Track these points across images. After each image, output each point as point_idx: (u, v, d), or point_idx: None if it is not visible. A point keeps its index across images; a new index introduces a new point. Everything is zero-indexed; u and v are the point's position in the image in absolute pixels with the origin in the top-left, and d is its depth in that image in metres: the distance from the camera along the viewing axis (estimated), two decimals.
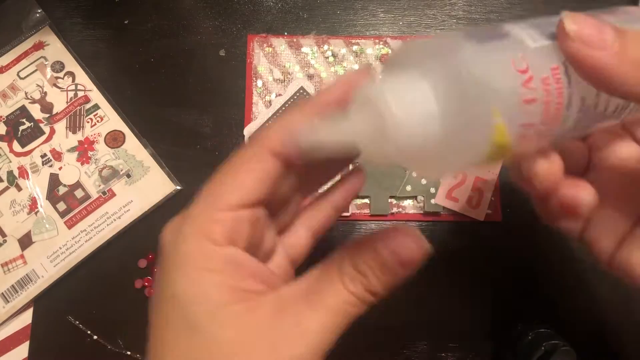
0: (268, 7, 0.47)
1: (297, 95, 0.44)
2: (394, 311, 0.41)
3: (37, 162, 0.44)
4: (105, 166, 0.44)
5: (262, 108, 0.44)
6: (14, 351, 0.41)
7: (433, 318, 0.41)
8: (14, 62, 0.46)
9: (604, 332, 0.40)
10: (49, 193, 0.43)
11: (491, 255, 0.42)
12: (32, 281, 0.42)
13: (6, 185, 0.43)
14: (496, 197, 0.42)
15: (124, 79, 0.46)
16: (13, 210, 0.43)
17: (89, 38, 0.47)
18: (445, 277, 0.41)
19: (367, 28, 0.46)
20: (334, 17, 0.46)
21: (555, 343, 0.36)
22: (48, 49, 0.46)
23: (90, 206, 0.43)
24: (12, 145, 0.44)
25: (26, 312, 0.42)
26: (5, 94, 0.45)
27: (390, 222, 0.42)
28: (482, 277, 0.41)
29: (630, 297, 0.41)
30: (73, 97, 0.45)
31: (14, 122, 0.44)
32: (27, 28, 0.46)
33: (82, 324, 0.41)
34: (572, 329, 0.39)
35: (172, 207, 0.43)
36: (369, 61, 0.45)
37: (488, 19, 0.45)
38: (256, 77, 0.45)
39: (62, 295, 0.42)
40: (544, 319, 0.40)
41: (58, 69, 0.45)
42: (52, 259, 0.42)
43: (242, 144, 0.44)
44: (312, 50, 0.45)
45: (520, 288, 0.41)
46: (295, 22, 0.46)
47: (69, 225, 0.42)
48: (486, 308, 0.41)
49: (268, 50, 0.45)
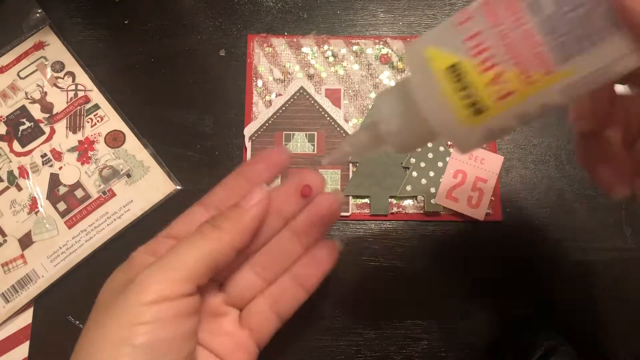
0: (268, 7, 0.47)
1: (297, 95, 0.44)
2: (394, 311, 0.41)
3: (37, 162, 0.44)
4: (105, 166, 0.44)
5: (262, 108, 0.44)
6: (14, 351, 0.41)
7: (433, 318, 0.41)
8: (14, 62, 0.46)
9: (603, 331, 0.40)
10: (49, 193, 0.43)
11: (491, 255, 0.42)
12: (32, 281, 0.42)
13: (6, 185, 0.43)
14: (496, 197, 0.42)
15: (124, 79, 0.46)
16: (13, 210, 0.43)
17: (89, 38, 0.47)
18: (445, 277, 0.41)
19: (367, 28, 0.46)
20: (334, 17, 0.46)
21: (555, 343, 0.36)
22: (48, 49, 0.46)
23: (91, 206, 0.43)
24: (12, 145, 0.44)
25: (26, 312, 0.42)
26: (5, 94, 0.45)
27: (390, 222, 0.42)
28: (482, 277, 0.41)
29: (630, 296, 0.41)
30: (73, 97, 0.45)
31: (14, 122, 0.44)
32: (27, 28, 0.46)
33: (82, 324, 0.41)
34: (572, 329, 0.40)
35: (172, 207, 0.43)
36: (369, 61, 0.45)
37: None
38: (256, 77, 0.45)
39: (62, 295, 0.42)
40: (544, 318, 0.40)
41: (58, 69, 0.45)
42: (52, 258, 0.42)
43: (242, 144, 0.44)
44: (312, 50, 0.45)
45: (520, 288, 0.41)
46: (295, 22, 0.46)
47: (69, 225, 0.42)
48: (486, 308, 0.41)
49: (268, 50, 0.45)
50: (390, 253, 0.42)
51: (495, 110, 0.18)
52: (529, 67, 0.17)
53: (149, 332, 0.21)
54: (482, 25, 0.18)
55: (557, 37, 0.16)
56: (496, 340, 0.40)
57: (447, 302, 0.41)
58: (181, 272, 0.22)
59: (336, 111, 0.44)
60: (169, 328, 0.22)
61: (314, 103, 0.44)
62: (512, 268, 0.41)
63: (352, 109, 0.44)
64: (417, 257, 0.42)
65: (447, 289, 0.41)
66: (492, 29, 0.18)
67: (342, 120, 0.44)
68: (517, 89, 0.18)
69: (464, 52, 0.18)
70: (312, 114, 0.44)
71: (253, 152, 0.43)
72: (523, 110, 0.18)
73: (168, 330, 0.22)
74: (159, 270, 0.23)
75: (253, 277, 0.27)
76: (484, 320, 0.41)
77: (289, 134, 0.44)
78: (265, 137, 0.44)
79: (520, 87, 0.18)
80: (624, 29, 0.16)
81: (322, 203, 0.27)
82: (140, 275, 0.22)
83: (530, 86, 0.17)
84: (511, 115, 0.19)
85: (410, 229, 0.42)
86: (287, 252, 0.27)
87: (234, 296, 0.27)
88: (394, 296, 0.41)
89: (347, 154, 0.24)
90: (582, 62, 0.17)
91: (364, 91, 0.44)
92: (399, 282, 0.41)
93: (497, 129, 0.19)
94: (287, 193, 0.27)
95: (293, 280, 0.28)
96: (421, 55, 0.19)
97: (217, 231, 0.24)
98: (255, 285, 0.27)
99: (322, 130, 0.44)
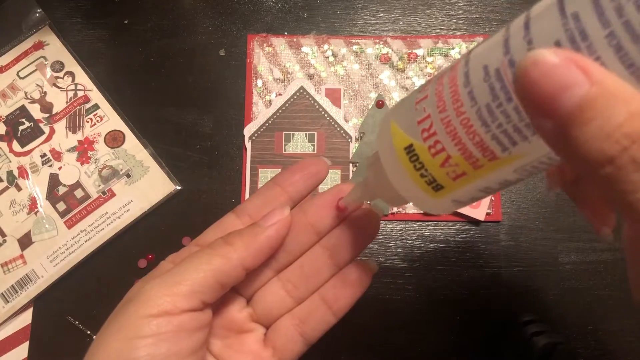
0: (268, 7, 0.47)
1: (297, 95, 0.44)
2: (394, 311, 0.41)
3: (37, 162, 0.44)
4: (105, 166, 0.44)
5: (262, 108, 0.44)
6: (14, 351, 0.41)
7: (432, 317, 0.41)
8: (14, 61, 0.45)
9: (603, 331, 0.40)
10: (48, 193, 0.43)
11: (491, 255, 0.42)
12: (32, 281, 0.42)
13: (6, 185, 0.43)
14: (496, 197, 0.42)
15: (124, 79, 0.46)
16: (13, 210, 0.43)
17: (89, 38, 0.46)
18: (445, 276, 0.41)
19: (367, 28, 0.46)
20: (334, 17, 0.46)
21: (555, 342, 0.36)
22: (48, 49, 0.46)
23: (90, 206, 0.43)
24: (11, 145, 0.44)
25: (26, 312, 0.42)
26: (5, 94, 0.45)
27: (390, 222, 0.42)
28: (482, 277, 0.41)
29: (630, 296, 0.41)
30: (73, 97, 0.45)
31: (13, 122, 0.44)
32: (27, 28, 0.46)
33: (81, 324, 0.41)
34: (572, 329, 0.40)
35: (171, 207, 0.43)
36: (369, 61, 0.45)
37: (488, 18, 0.45)
38: (256, 76, 0.45)
39: (62, 295, 0.42)
40: (544, 318, 0.40)
41: (58, 68, 0.45)
42: (51, 259, 0.42)
43: (241, 144, 0.44)
44: (312, 50, 0.45)
45: (520, 288, 0.41)
46: (295, 22, 0.46)
47: (69, 225, 0.42)
48: (486, 308, 0.41)
49: (268, 50, 0.45)
50: (390, 253, 0.42)
51: (454, 187, 0.18)
52: (473, 154, 0.17)
53: (148, 346, 0.21)
54: (431, 109, 0.18)
55: (494, 129, 0.16)
56: (496, 340, 0.40)
57: (447, 301, 0.41)
58: (184, 287, 0.22)
59: (336, 111, 0.44)
60: (169, 343, 0.21)
61: (313, 103, 0.44)
62: (512, 268, 0.41)
63: (352, 109, 0.44)
64: (416, 257, 0.42)
65: (447, 289, 0.41)
66: (438, 114, 0.18)
67: (342, 120, 0.44)
68: (468, 171, 0.18)
69: (417, 134, 0.18)
70: (312, 113, 0.44)
71: (253, 152, 0.43)
72: (484, 186, 0.18)
73: (168, 346, 0.21)
74: (162, 283, 0.22)
75: (282, 294, 0.26)
76: (483, 320, 0.40)
77: (289, 134, 0.44)
78: (265, 137, 0.44)
79: (470, 170, 0.18)
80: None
81: (359, 220, 0.26)
82: (144, 288, 0.22)
83: (479, 169, 0.17)
84: (474, 190, 0.19)
85: (410, 229, 0.42)
86: (318, 269, 0.26)
87: (261, 313, 0.26)
88: (394, 296, 0.41)
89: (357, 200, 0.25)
90: (525, 150, 0.16)
91: (364, 91, 0.44)
92: (399, 282, 0.41)
93: (464, 199, 0.19)
94: (322, 205, 0.26)
95: (322, 301, 0.26)
96: (387, 130, 0.20)
97: (227, 247, 0.23)
98: (284, 302, 0.26)
99: (322, 130, 0.44)
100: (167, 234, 0.43)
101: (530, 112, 0.14)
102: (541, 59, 0.13)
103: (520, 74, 0.13)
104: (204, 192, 0.44)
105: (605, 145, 0.12)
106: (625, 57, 0.13)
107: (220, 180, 0.44)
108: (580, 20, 0.13)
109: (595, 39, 0.13)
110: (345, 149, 0.43)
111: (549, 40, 0.14)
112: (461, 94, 0.17)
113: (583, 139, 0.13)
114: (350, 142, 0.43)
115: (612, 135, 0.12)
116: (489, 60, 0.16)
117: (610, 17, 0.12)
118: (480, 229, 0.42)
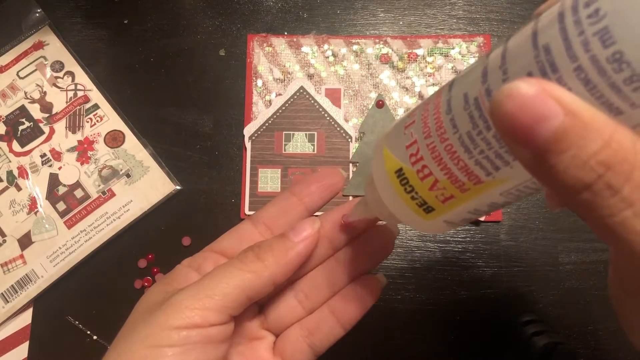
0: (268, 7, 0.47)
1: (297, 95, 0.44)
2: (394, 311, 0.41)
3: (37, 162, 0.44)
4: (104, 166, 0.44)
5: (262, 108, 0.44)
6: (14, 351, 0.41)
7: (432, 317, 0.41)
8: (14, 61, 0.45)
9: (603, 331, 0.40)
10: (48, 193, 0.43)
11: (491, 255, 0.42)
12: (32, 281, 0.42)
13: (6, 185, 0.43)
14: None
15: (124, 79, 0.46)
16: (13, 210, 0.43)
17: (89, 38, 0.46)
18: (445, 276, 0.41)
19: (367, 28, 0.46)
20: (334, 16, 0.46)
21: (555, 342, 0.36)
22: (48, 49, 0.46)
23: (90, 206, 0.43)
24: (11, 145, 0.44)
25: (26, 312, 0.42)
26: (5, 94, 0.45)
27: None
28: (482, 277, 0.41)
29: None
30: (73, 96, 0.45)
31: (13, 121, 0.44)
32: (27, 28, 0.46)
33: (81, 324, 0.41)
34: (572, 329, 0.39)
35: (171, 207, 0.43)
36: (369, 61, 0.45)
37: (488, 18, 0.45)
38: (256, 76, 0.45)
39: (62, 295, 0.42)
40: (544, 318, 0.40)
41: (58, 68, 0.45)
42: (51, 259, 0.42)
43: (241, 144, 0.44)
44: (312, 50, 0.45)
45: (520, 288, 0.41)
46: (295, 21, 0.46)
47: (69, 225, 0.42)
48: (486, 308, 0.41)
49: (268, 49, 0.45)
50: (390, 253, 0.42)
51: (444, 210, 0.19)
52: (458, 178, 0.17)
53: (175, 355, 0.21)
54: (417, 134, 0.18)
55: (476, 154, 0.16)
56: (496, 340, 0.40)
57: (447, 301, 0.41)
58: (216, 301, 0.22)
59: (336, 111, 0.44)
60: (196, 353, 0.21)
61: (313, 103, 0.44)
62: (512, 268, 0.41)
63: (352, 109, 0.44)
64: (417, 257, 0.42)
65: (447, 289, 0.41)
66: (424, 139, 0.18)
67: (342, 120, 0.44)
68: (456, 194, 0.18)
69: (406, 159, 0.19)
70: (312, 113, 0.44)
71: (253, 152, 0.43)
72: (473, 208, 0.19)
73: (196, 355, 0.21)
74: (194, 295, 0.22)
75: (294, 303, 0.26)
76: (483, 320, 0.40)
77: (289, 134, 0.44)
78: (265, 137, 0.44)
79: (457, 194, 0.18)
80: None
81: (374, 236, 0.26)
82: (174, 297, 0.22)
83: (466, 192, 0.18)
84: (464, 212, 0.19)
85: (410, 229, 0.42)
86: (331, 282, 0.26)
87: (272, 321, 0.26)
88: (394, 296, 0.41)
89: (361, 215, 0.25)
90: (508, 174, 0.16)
91: (364, 91, 0.44)
92: (399, 282, 0.41)
93: (456, 220, 0.20)
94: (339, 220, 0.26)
95: (330, 313, 0.26)
96: (381, 153, 0.20)
97: (259, 263, 0.23)
98: (296, 312, 0.26)
99: (322, 130, 0.44)
100: (167, 234, 0.43)
101: (507, 142, 0.14)
102: (516, 91, 0.13)
103: (496, 106, 0.13)
104: (204, 192, 0.44)
105: (581, 173, 0.13)
106: (594, 90, 0.13)
107: (220, 180, 0.44)
108: (551, 53, 0.13)
109: (564, 72, 0.13)
110: (345, 149, 0.43)
111: (522, 71, 0.14)
112: (444, 121, 0.17)
113: (560, 167, 0.13)
114: (350, 142, 0.43)
115: (587, 163, 0.12)
116: (468, 88, 0.16)
117: (577, 51, 0.13)
118: (480, 229, 0.42)
